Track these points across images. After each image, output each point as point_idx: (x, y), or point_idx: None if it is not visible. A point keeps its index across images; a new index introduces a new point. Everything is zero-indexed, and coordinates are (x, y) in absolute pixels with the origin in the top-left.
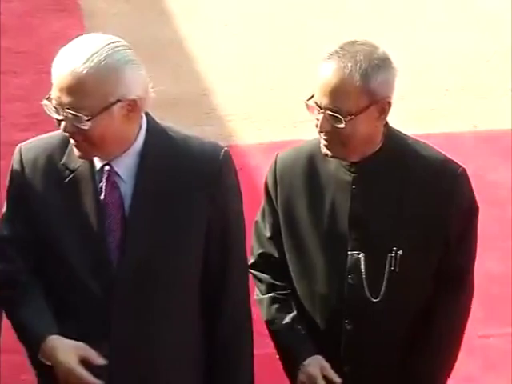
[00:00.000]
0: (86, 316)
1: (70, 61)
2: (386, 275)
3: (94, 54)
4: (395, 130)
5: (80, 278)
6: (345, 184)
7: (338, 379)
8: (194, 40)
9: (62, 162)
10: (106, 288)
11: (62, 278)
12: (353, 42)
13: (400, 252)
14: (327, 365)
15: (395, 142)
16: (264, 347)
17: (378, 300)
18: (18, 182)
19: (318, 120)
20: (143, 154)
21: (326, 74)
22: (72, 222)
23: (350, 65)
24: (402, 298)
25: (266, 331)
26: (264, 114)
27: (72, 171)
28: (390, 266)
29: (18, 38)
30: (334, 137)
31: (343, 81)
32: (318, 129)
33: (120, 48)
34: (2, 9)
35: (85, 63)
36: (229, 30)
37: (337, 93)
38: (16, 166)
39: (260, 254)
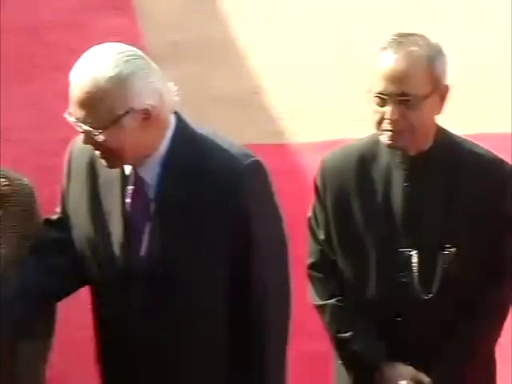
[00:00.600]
0: (108, 316)
1: (79, 75)
2: (438, 272)
3: (100, 67)
4: (443, 128)
5: (106, 278)
6: (397, 181)
7: (427, 379)
8: (247, 39)
9: (98, 164)
10: (130, 290)
11: (91, 279)
12: (405, 34)
13: (453, 249)
14: (410, 367)
15: (446, 140)
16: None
17: (429, 297)
18: (64, 175)
19: (383, 111)
20: (167, 161)
21: (389, 61)
22: (100, 222)
23: (415, 49)
24: (453, 294)
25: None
26: (316, 113)
27: (107, 172)
28: (443, 264)
29: (70, 35)
30: (402, 124)
31: (412, 65)
32: (388, 116)
33: (126, 59)
34: (56, 5)
35: (89, 78)
36: (282, 28)
37: (406, 78)
38: (66, 160)
39: (318, 252)
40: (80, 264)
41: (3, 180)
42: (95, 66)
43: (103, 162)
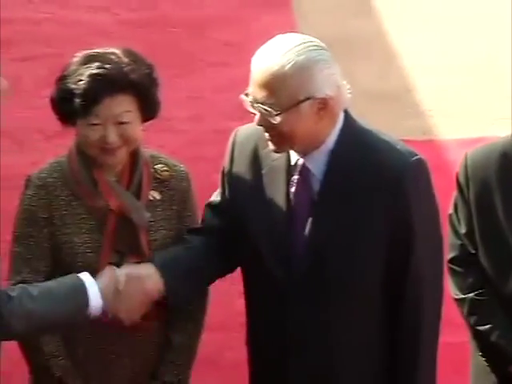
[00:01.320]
0: (267, 302)
1: (265, 59)
2: None
3: (287, 53)
4: None
5: (266, 264)
6: None
7: None
8: (399, 37)
9: (265, 151)
10: (288, 276)
11: (251, 265)
12: None
13: None
14: None
15: None
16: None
17: None
18: (226, 161)
19: None
20: (334, 153)
21: None
22: (262, 209)
23: None
24: None
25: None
26: (462, 111)
27: (272, 160)
28: None
29: (228, 30)
30: None
31: None
32: None
33: (312, 48)
34: (218, 2)
35: (277, 62)
36: (432, 28)
37: None
38: (229, 147)
39: (459, 247)
40: (236, 247)
41: (163, 166)
42: (282, 51)
43: (271, 145)
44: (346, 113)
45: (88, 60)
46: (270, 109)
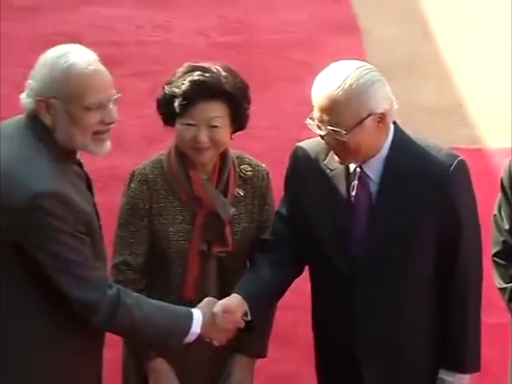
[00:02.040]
0: (332, 291)
1: (326, 85)
2: None
3: (346, 78)
4: None
5: (331, 261)
6: None
7: None
8: (452, 60)
9: (324, 162)
10: (351, 270)
11: (317, 262)
12: None
13: None
14: None
15: None
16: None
17: None
18: (289, 174)
19: None
20: (388, 160)
21: None
22: (326, 212)
23: None
24: None
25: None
26: (507, 122)
27: (331, 170)
28: None
29: (304, 52)
30: None
31: None
32: None
33: (366, 71)
34: (296, 26)
35: (338, 87)
36: (481, 49)
37: None
38: (291, 160)
39: (502, 243)
40: (304, 250)
41: (247, 166)
42: (342, 77)
43: (337, 158)
44: (395, 124)
45: (191, 69)
46: (338, 129)
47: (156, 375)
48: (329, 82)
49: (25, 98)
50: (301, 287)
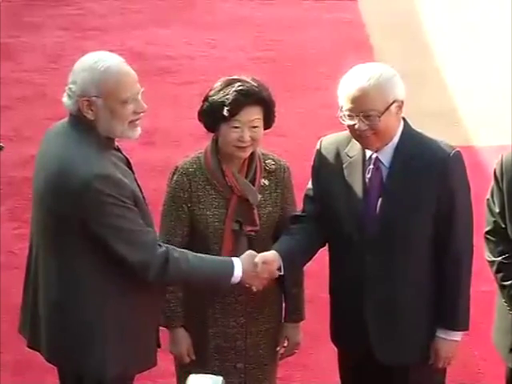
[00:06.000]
0: (346, 258)
1: (356, 80)
2: None
3: (372, 72)
4: None
5: (347, 233)
6: None
7: None
8: (448, 71)
9: (345, 151)
10: (363, 237)
11: (335, 233)
12: None
13: None
14: None
15: None
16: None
17: None
18: (315, 161)
19: None
20: (398, 147)
21: None
22: (345, 193)
23: None
24: None
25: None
26: (497, 123)
27: (350, 157)
28: None
29: (325, 65)
30: None
31: None
32: None
33: (386, 67)
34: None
35: (368, 79)
36: (473, 57)
37: None
38: (316, 151)
39: (493, 223)
40: (327, 225)
41: (271, 161)
42: (368, 72)
43: (363, 144)
44: (404, 119)
45: (231, 82)
46: (372, 113)
47: (176, 339)
48: (358, 77)
49: (66, 101)
50: (321, 260)
